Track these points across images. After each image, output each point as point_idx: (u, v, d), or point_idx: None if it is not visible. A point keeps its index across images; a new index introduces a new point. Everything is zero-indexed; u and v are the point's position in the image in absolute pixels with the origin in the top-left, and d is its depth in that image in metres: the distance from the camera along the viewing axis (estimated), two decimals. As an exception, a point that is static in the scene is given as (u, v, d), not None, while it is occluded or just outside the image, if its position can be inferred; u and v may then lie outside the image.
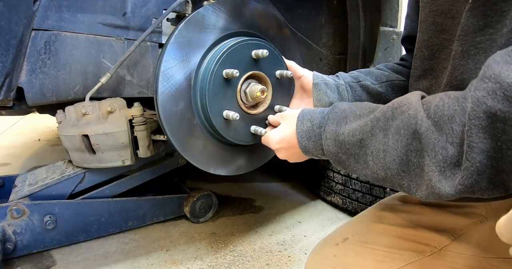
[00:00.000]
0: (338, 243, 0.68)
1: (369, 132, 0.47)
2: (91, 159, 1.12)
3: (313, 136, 0.57)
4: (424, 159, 0.40)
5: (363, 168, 0.49)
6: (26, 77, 0.90)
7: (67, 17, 0.92)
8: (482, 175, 0.34)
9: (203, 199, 1.41)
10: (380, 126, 0.46)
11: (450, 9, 0.51)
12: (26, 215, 1.08)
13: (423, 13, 0.57)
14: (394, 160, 0.44)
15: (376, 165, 0.46)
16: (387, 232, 0.64)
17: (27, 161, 2.24)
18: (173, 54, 0.76)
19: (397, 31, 1.34)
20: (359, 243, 0.65)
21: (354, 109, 0.54)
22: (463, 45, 0.46)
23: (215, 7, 0.80)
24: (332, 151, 0.53)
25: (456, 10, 0.49)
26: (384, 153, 0.45)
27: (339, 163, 0.54)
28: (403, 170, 0.43)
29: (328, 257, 0.67)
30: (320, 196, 1.69)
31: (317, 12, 1.44)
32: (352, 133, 0.50)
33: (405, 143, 0.42)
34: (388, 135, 0.44)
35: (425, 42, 0.57)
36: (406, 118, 0.42)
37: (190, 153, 0.82)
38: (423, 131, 0.40)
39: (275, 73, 0.84)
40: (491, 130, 0.33)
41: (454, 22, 0.50)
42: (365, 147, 0.48)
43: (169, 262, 1.14)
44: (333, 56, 1.48)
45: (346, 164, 0.52)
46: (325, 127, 0.55)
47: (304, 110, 0.62)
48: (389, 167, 0.44)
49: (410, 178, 0.43)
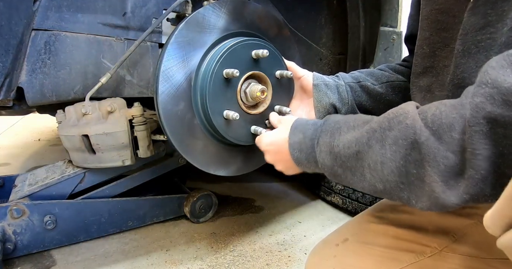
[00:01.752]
0: (338, 243, 0.68)
1: (365, 144, 0.46)
2: (91, 159, 1.12)
3: (305, 148, 0.57)
4: (424, 169, 0.39)
5: (360, 181, 0.48)
6: (26, 77, 0.90)
7: (67, 17, 0.92)
8: (485, 181, 0.34)
9: (203, 199, 1.41)
10: (377, 137, 0.45)
11: (451, 8, 0.51)
12: (26, 215, 1.08)
13: (424, 11, 0.57)
14: (392, 172, 0.43)
15: (373, 178, 0.45)
16: (387, 233, 0.64)
17: (27, 161, 2.24)
18: (173, 54, 0.76)
19: (397, 31, 1.34)
20: (359, 244, 0.65)
21: (348, 120, 0.53)
22: (464, 43, 0.46)
23: (215, 7, 0.80)
24: (328, 164, 0.52)
25: (457, 9, 0.49)
26: (382, 165, 0.44)
27: (334, 177, 0.53)
28: (402, 182, 0.42)
29: (328, 258, 0.67)
30: (320, 196, 1.69)
31: (317, 12, 1.44)
32: (347, 145, 0.49)
33: (404, 153, 0.41)
34: (385, 146, 0.44)
35: (426, 39, 0.57)
36: (403, 128, 0.42)
37: (191, 154, 0.82)
38: (422, 141, 0.39)
39: (275, 73, 0.84)
40: (492, 135, 0.32)
41: (455, 20, 0.50)
42: (362, 159, 0.47)
43: (169, 262, 1.14)
44: (333, 56, 1.48)
45: (342, 177, 0.51)
46: (319, 139, 0.55)
47: (297, 120, 0.62)
48: (387, 179, 0.43)
49: (409, 190, 0.42)
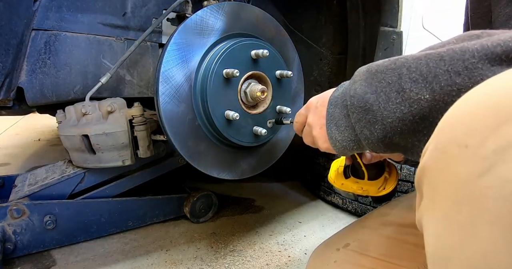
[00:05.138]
0: (339, 248, 0.68)
1: (401, 58, 0.41)
2: (91, 159, 1.12)
3: (340, 98, 0.49)
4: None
5: (396, 99, 0.39)
6: (26, 77, 0.90)
7: (67, 17, 0.92)
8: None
9: (203, 199, 1.41)
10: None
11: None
12: (26, 215, 1.08)
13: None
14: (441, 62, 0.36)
15: (416, 85, 0.38)
16: (389, 242, 0.64)
17: (27, 161, 2.24)
18: (173, 55, 0.76)
19: (397, 31, 1.34)
20: (360, 251, 0.65)
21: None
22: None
23: (214, 10, 0.80)
24: (359, 93, 0.43)
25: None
26: (427, 66, 0.37)
27: (364, 111, 0.43)
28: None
29: (329, 263, 0.67)
30: (320, 196, 1.69)
31: (317, 12, 1.44)
32: (384, 62, 0.43)
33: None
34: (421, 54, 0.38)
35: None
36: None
37: (193, 157, 0.81)
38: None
39: (275, 73, 0.84)
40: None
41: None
42: (400, 67, 0.40)
43: (169, 262, 1.14)
44: (333, 56, 1.48)
45: (373, 105, 0.42)
46: (352, 79, 0.47)
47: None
48: (436, 73, 0.36)
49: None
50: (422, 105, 0.37)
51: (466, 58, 0.34)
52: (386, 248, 0.63)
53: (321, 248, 0.73)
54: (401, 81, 0.39)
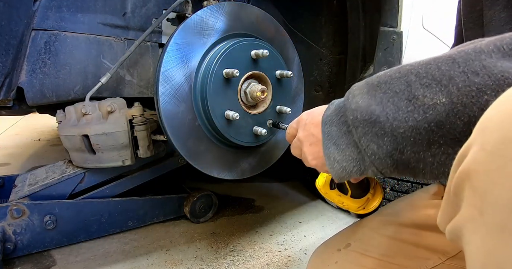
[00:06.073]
0: (340, 248, 0.68)
1: (408, 68, 0.39)
2: (91, 159, 1.12)
3: (335, 116, 0.46)
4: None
5: (407, 107, 0.38)
6: (26, 77, 0.90)
7: (67, 17, 0.92)
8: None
9: (203, 199, 1.41)
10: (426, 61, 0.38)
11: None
12: (26, 215, 1.08)
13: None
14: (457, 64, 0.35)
15: (430, 89, 0.36)
16: (390, 242, 0.64)
17: (27, 161, 2.24)
18: (173, 55, 0.76)
19: (397, 31, 1.34)
20: (360, 251, 0.65)
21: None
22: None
23: (214, 10, 0.80)
24: (362, 106, 0.41)
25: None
26: (439, 70, 0.35)
27: (369, 124, 0.40)
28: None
29: (329, 264, 0.67)
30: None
31: (317, 12, 1.44)
32: (390, 72, 0.41)
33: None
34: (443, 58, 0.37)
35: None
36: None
37: (194, 157, 0.82)
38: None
39: (275, 73, 0.84)
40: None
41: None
42: (408, 74, 0.38)
43: (169, 262, 1.14)
44: (333, 56, 1.48)
45: (380, 116, 0.39)
46: (349, 94, 0.45)
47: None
48: (451, 75, 0.35)
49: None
50: (438, 110, 0.35)
51: (482, 58, 0.33)
52: (387, 249, 0.63)
53: (321, 249, 0.73)
54: (411, 88, 0.37)
